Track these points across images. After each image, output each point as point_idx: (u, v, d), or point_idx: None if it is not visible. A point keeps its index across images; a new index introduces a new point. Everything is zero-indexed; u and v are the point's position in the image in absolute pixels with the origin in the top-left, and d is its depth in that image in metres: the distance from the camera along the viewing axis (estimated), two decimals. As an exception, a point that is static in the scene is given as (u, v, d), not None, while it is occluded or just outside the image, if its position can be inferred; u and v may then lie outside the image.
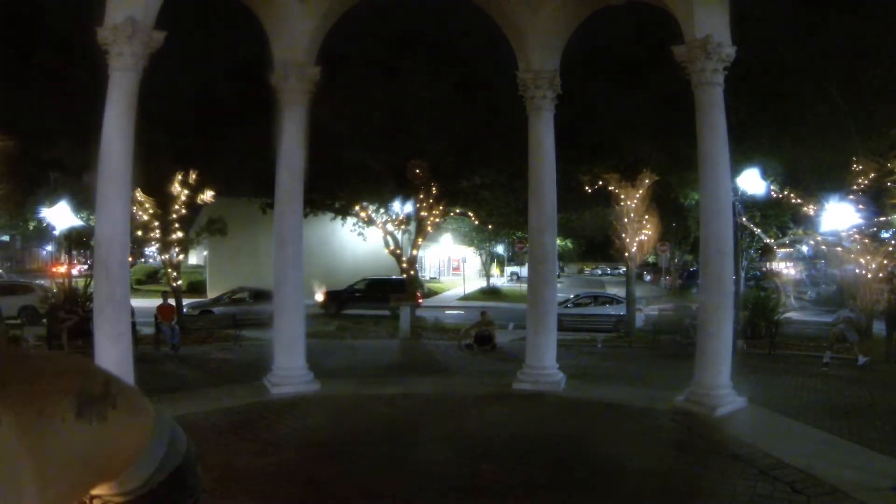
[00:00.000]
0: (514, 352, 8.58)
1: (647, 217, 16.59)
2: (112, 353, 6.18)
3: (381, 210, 18.17)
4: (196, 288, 29.39)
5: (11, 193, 16.63)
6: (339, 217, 18.91)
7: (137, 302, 14.96)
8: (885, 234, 13.75)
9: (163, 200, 15.50)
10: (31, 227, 26.45)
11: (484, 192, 16.96)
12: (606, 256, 47.26)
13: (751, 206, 15.81)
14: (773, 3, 11.24)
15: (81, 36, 7.38)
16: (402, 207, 18.44)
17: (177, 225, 15.85)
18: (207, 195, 15.90)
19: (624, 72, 13.86)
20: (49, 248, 31.50)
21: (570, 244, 54.66)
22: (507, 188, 15.76)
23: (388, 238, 17.98)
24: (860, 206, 13.17)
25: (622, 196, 16.35)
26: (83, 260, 31.70)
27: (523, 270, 32.37)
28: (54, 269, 23.91)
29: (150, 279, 34.96)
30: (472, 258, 42.63)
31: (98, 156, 6.25)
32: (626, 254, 17.07)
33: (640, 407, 6.90)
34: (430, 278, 43.67)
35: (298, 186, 7.84)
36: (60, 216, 19.20)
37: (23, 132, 15.15)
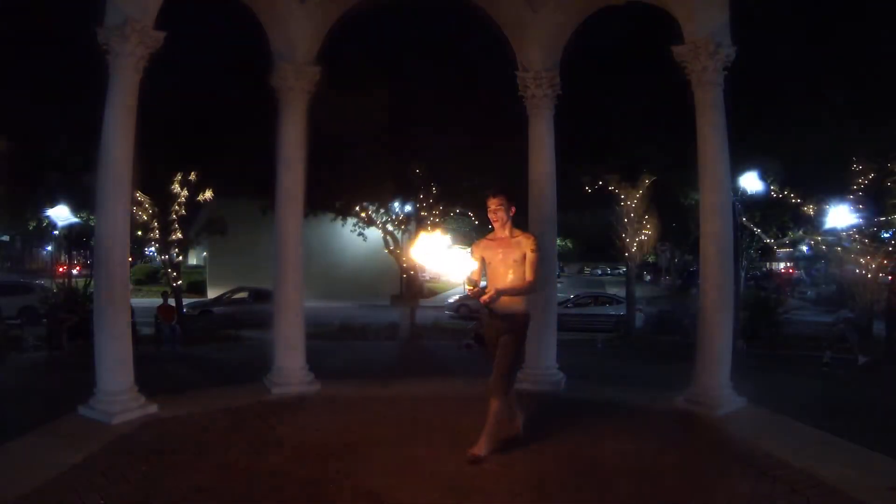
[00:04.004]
0: (515, 352, 8.56)
1: (647, 217, 16.59)
2: (112, 354, 6.19)
3: (381, 210, 18.16)
4: (196, 288, 29.39)
5: (11, 193, 16.63)
6: (339, 217, 18.89)
7: (137, 302, 14.96)
8: (885, 234, 13.76)
9: (162, 200, 15.49)
10: (31, 227, 26.46)
11: (484, 191, 16.90)
12: (606, 256, 47.18)
13: (751, 206, 15.82)
14: (774, 4, 11.22)
15: (81, 36, 7.36)
16: (401, 207, 18.42)
17: (176, 225, 15.84)
18: (207, 195, 15.90)
19: (624, 71, 13.84)
20: (49, 248, 31.49)
21: (570, 244, 54.63)
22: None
23: (388, 238, 17.97)
24: (860, 206, 13.17)
25: (622, 196, 16.35)
26: (83, 260, 31.70)
27: (523, 270, 32.21)
28: (60, 270, 23.93)
29: (150, 279, 34.99)
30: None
31: (98, 156, 6.25)
32: (626, 254, 17.07)
33: (640, 407, 6.89)
34: (430, 278, 43.65)
35: (298, 187, 7.83)
36: (60, 216, 19.21)
37: (23, 132, 15.14)
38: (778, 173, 15.07)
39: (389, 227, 18.13)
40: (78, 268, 27.34)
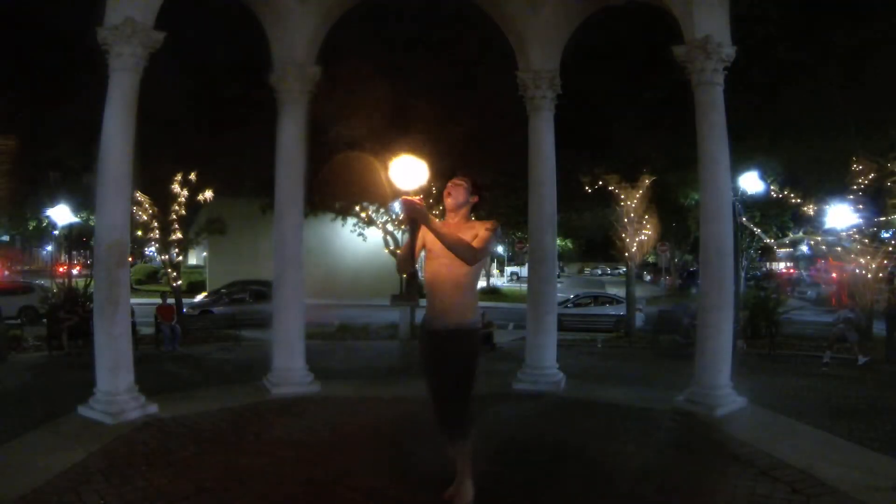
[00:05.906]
0: (515, 352, 8.59)
1: (647, 217, 16.58)
2: (112, 354, 6.19)
3: (381, 210, 18.15)
4: (196, 288, 29.33)
5: (12, 194, 16.64)
6: (340, 217, 18.88)
7: (137, 302, 14.97)
8: (885, 234, 13.75)
9: (162, 200, 15.49)
10: (31, 227, 26.46)
11: (484, 191, 16.92)
12: (606, 256, 47.25)
13: (751, 206, 15.81)
14: (773, 3, 11.22)
15: (81, 36, 7.37)
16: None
17: (176, 225, 15.83)
18: (207, 195, 15.89)
19: (624, 71, 13.84)
20: (49, 248, 31.50)
21: (570, 244, 54.65)
22: (507, 188, 15.73)
23: (388, 238, 17.96)
24: (860, 206, 13.16)
25: (622, 196, 16.34)
26: (83, 260, 31.71)
27: (523, 270, 32.35)
28: (60, 270, 23.94)
29: (150, 279, 35.00)
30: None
31: (98, 156, 6.26)
32: (626, 254, 17.05)
33: (640, 407, 6.90)
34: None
35: (298, 187, 7.83)
36: (61, 216, 19.20)
37: (23, 132, 15.12)
38: (778, 173, 15.08)
39: (389, 227, 18.12)
40: (78, 268, 27.33)
